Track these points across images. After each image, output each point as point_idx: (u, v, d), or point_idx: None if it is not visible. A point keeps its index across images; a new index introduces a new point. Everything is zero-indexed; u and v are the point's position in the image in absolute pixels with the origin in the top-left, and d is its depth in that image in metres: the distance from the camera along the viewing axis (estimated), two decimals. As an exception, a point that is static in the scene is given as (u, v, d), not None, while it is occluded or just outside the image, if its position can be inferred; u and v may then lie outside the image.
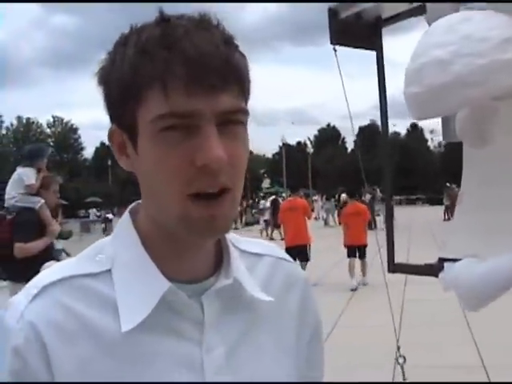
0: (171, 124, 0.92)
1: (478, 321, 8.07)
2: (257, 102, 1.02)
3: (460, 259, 2.67)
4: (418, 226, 29.62)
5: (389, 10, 3.01)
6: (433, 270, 2.81)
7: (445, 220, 32.75)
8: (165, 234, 1.01)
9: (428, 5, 2.52)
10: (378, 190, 34.64)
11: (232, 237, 1.12)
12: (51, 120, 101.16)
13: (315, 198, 45.13)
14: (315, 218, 36.67)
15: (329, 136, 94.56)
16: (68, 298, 0.95)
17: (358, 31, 3.11)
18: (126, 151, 1.01)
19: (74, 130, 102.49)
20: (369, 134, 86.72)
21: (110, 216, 29.84)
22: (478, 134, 2.35)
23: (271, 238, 23.57)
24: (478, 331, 8.21)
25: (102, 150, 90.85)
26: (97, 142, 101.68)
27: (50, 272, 1.00)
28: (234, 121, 0.94)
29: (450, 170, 65.69)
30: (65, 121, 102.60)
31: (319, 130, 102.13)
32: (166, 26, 0.93)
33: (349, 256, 13.25)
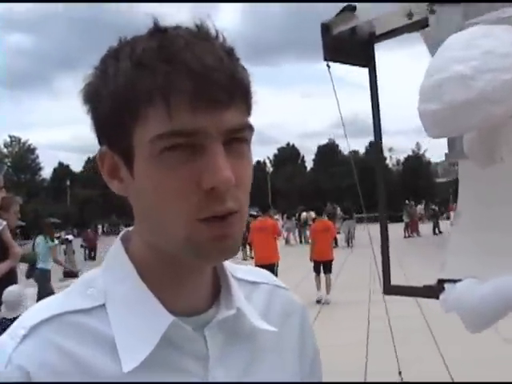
0: (174, 144, 0.83)
1: (445, 337, 8.11)
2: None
3: (459, 280, 2.61)
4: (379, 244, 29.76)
5: (382, 26, 2.96)
6: (433, 291, 2.74)
7: (405, 237, 32.97)
8: (165, 261, 0.92)
9: (431, 22, 2.47)
10: (338, 209, 34.82)
11: (228, 265, 1.03)
12: (8, 140, 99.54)
13: (276, 217, 45.21)
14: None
15: (288, 155, 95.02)
16: (60, 337, 0.86)
17: (350, 47, 3.05)
18: (119, 175, 0.91)
19: (31, 150, 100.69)
20: (328, 153, 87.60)
21: (69, 237, 29.27)
22: (487, 154, 2.30)
23: (244, 259, 23.68)
24: (445, 347, 8.23)
25: (60, 171, 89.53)
26: (55, 162, 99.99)
27: (36, 310, 0.90)
28: (239, 138, 0.86)
29: (408, 188, 66.71)
30: (22, 141, 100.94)
31: (279, 149, 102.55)
32: (162, 36, 0.84)
33: (315, 271, 13.56)
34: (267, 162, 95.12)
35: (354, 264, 19.70)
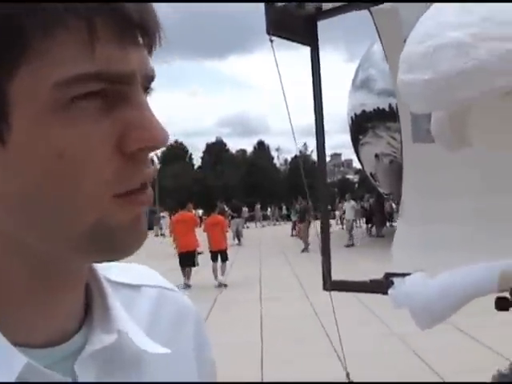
0: (91, 91, 0.57)
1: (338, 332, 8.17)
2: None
3: (408, 274, 2.48)
4: (268, 242, 30.13)
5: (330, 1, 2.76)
6: (380, 286, 2.58)
7: (292, 236, 33.41)
8: (29, 269, 0.64)
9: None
10: (225, 207, 35.02)
11: (97, 265, 0.76)
12: None
13: (162, 214, 44.65)
14: (162, 235, 36.35)
15: (176, 153, 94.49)
16: None
17: (294, 23, 2.83)
18: None
19: None
20: (216, 151, 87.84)
21: None
22: (456, 136, 2.15)
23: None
24: (338, 343, 8.32)
25: None
26: None
27: None
28: (148, 91, 0.65)
29: (296, 187, 67.94)
30: None
31: (166, 147, 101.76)
32: None
33: (212, 260, 15.50)
34: (155, 159, 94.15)
35: (243, 262, 19.82)
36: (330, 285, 2.88)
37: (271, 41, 2.79)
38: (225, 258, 15.76)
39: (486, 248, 2.50)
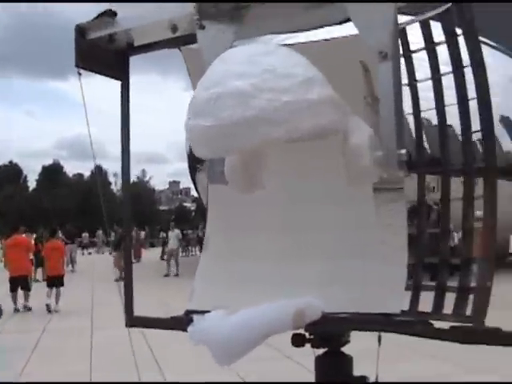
0: None
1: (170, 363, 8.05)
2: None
3: (209, 311, 2.50)
4: (100, 270, 29.33)
5: (142, 37, 2.76)
6: (180, 323, 2.58)
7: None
8: None
9: (200, 38, 2.33)
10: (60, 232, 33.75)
11: None
12: None
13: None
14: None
15: (9, 173, 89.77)
16: None
17: (106, 57, 2.79)
18: None
19: None
20: (52, 174, 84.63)
21: None
22: (248, 179, 2.22)
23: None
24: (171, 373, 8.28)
25: None
26: None
27: None
28: None
29: (132, 214, 66.59)
30: None
31: (0, 167, 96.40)
32: None
33: (48, 285, 15.69)
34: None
35: (75, 289, 19.19)
36: (132, 321, 2.83)
37: (79, 74, 2.74)
38: (60, 284, 15.81)
39: (285, 284, 2.57)
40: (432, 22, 2.64)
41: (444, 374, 7.55)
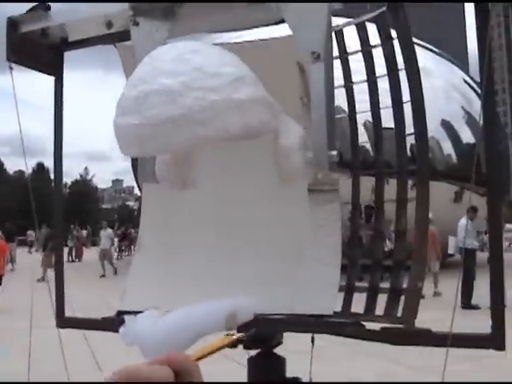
0: None
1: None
2: None
3: (141, 311, 2.46)
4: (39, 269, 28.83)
5: (76, 32, 2.69)
6: (112, 324, 2.52)
7: (69, 261, 32.13)
8: None
9: (134, 35, 2.29)
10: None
11: None
12: None
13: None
14: None
15: None
16: None
17: (39, 51, 2.72)
18: None
19: None
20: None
21: None
22: (180, 178, 2.19)
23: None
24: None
25: None
26: None
27: None
28: None
29: (74, 212, 65.68)
30: None
31: None
32: None
33: None
34: None
35: (14, 289, 18.80)
36: (63, 322, 2.77)
37: (11, 68, 2.66)
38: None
39: (218, 284, 2.55)
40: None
41: (383, 373, 7.64)
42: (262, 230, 2.57)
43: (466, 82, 23.86)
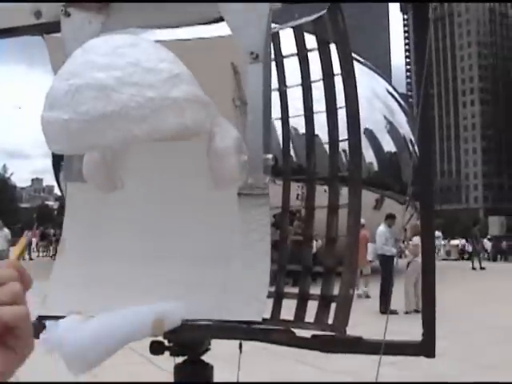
0: None
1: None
2: None
3: (63, 316, 2.36)
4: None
5: (1, 21, 2.54)
6: (33, 330, 2.40)
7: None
8: None
9: (64, 26, 2.17)
10: None
11: None
12: None
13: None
14: None
15: None
16: None
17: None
18: None
19: None
20: None
21: None
22: (108, 178, 2.10)
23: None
24: None
25: None
26: None
27: None
28: None
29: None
30: None
31: None
32: None
33: None
34: None
35: None
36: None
37: None
38: None
39: (144, 288, 2.48)
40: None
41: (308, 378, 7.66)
42: (190, 233, 2.51)
43: (388, 92, 24.46)
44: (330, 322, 2.32)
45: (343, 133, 2.54)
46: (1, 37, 2.65)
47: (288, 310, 2.62)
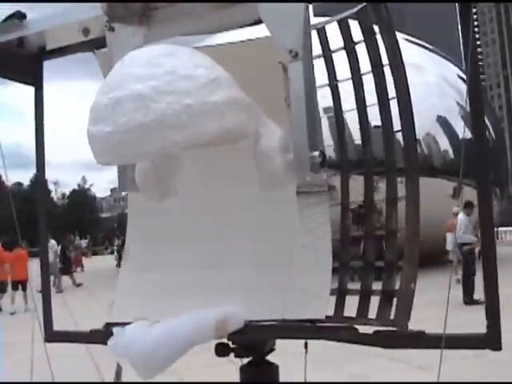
0: None
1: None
2: None
3: (129, 323, 2.41)
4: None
5: (54, 40, 2.63)
6: (100, 336, 2.47)
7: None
8: None
9: (109, 40, 2.23)
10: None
11: None
12: None
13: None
14: None
15: None
16: None
17: (17, 61, 2.67)
18: None
19: None
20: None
21: None
22: (161, 186, 2.13)
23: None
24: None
25: None
26: None
27: None
28: None
29: (73, 222, 65.49)
30: None
31: None
32: None
33: (13, 288, 18.24)
34: None
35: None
36: (51, 335, 2.71)
37: (-12, 79, 2.62)
38: (25, 288, 17.72)
39: (206, 293, 2.50)
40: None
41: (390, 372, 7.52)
42: (250, 236, 2.51)
43: (460, 77, 23.82)
44: (392, 317, 2.28)
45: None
46: (54, 56, 2.74)
47: (348, 307, 2.59)
